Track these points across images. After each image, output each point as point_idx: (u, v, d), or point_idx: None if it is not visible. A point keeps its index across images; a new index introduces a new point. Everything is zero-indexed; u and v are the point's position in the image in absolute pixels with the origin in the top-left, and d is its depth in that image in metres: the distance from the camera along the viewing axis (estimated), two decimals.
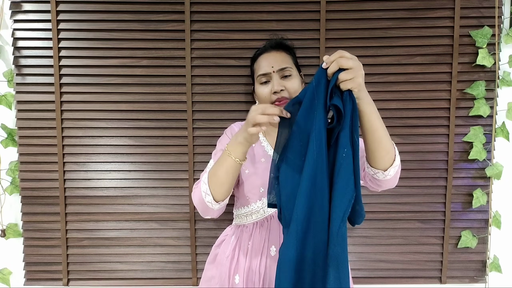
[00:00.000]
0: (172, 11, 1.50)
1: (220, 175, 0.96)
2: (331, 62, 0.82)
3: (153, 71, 1.51)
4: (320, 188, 0.83)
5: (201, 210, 1.03)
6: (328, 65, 0.83)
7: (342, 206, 0.82)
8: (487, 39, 1.47)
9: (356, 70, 0.81)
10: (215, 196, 0.98)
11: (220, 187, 0.97)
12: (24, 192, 1.54)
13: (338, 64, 0.81)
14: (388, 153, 0.92)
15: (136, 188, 1.54)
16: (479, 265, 1.56)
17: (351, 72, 0.80)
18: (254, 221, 1.13)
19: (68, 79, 1.51)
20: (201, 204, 1.01)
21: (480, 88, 1.48)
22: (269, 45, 1.22)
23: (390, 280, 1.56)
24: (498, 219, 1.54)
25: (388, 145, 0.92)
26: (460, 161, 1.53)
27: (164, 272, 1.57)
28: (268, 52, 1.19)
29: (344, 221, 0.83)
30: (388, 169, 0.94)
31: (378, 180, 0.97)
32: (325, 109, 0.84)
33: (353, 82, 0.81)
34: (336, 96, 0.83)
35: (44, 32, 1.50)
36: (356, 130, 0.83)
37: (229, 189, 0.99)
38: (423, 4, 1.49)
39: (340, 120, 0.83)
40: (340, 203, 0.82)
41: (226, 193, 0.99)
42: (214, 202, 0.98)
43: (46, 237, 1.55)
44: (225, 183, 0.96)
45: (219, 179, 0.96)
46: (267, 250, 1.07)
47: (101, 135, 1.53)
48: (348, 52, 0.82)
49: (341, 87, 0.82)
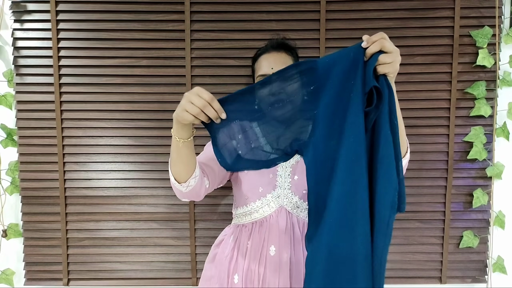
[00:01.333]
0: (172, 11, 1.50)
1: (172, 156, 0.98)
2: (372, 42, 0.78)
3: (153, 71, 1.51)
4: (358, 176, 0.77)
5: (176, 193, 1.06)
6: (368, 44, 0.79)
7: (389, 194, 0.77)
8: (487, 39, 1.46)
9: (396, 55, 0.79)
10: (176, 177, 0.99)
11: (175, 167, 0.98)
12: (24, 192, 1.54)
13: (380, 45, 0.78)
14: (403, 145, 0.93)
15: (136, 188, 1.55)
16: (480, 265, 1.56)
17: (392, 55, 0.78)
18: (253, 220, 1.13)
19: (68, 79, 1.51)
20: (173, 187, 1.04)
21: (481, 88, 1.48)
22: (270, 45, 1.21)
23: (390, 280, 1.56)
24: (501, 219, 1.53)
25: (404, 136, 0.92)
26: (460, 161, 1.53)
27: (164, 272, 1.57)
28: (269, 52, 1.18)
29: (393, 210, 0.78)
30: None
31: None
32: (363, 91, 0.78)
33: (392, 67, 0.78)
34: (372, 79, 0.77)
35: (44, 32, 1.50)
36: (395, 114, 0.78)
37: (185, 169, 0.98)
38: (423, 4, 1.49)
39: (379, 103, 0.78)
40: (386, 192, 0.77)
41: (184, 173, 0.98)
42: (177, 183, 1.00)
43: (47, 237, 1.56)
44: (178, 162, 0.97)
45: (172, 160, 0.98)
46: (267, 250, 1.07)
47: (101, 135, 1.53)
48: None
49: (378, 70, 0.78)
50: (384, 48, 0.78)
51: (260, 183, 1.11)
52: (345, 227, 0.78)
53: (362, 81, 0.78)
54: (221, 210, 1.55)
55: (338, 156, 0.79)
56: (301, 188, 1.09)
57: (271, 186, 1.10)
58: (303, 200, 1.09)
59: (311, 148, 0.84)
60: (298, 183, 1.09)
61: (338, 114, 0.80)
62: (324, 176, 0.81)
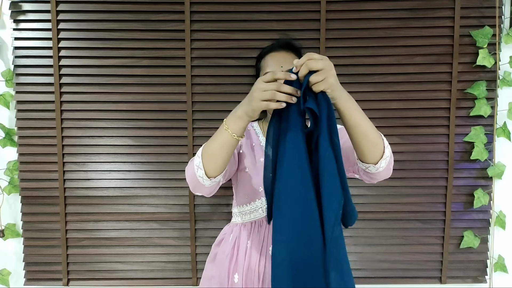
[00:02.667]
0: (172, 11, 1.49)
1: (214, 149, 0.92)
2: (300, 66, 0.81)
3: (153, 71, 1.51)
4: (307, 192, 0.83)
5: (192, 185, 1.00)
6: (298, 68, 0.81)
7: (333, 209, 0.82)
8: (487, 39, 1.46)
9: (327, 71, 0.79)
10: (207, 171, 0.94)
11: (213, 161, 0.93)
12: (24, 192, 1.54)
13: (307, 67, 0.79)
14: (376, 145, 0.91)
15: (136, 188, 1.54)
16: (480, 265, 1.56)
17: (322, 73, 0.79)
18: (253, 220, 1.13)
19: (68, 79, 1.51)
20: (193, 179, 0.97)
21: (481, 88, 1.48)
22: (278, 45, 1.21)
23: (390, 280, 1.56)
24: (502, 219, 1.53)
25: (375, 138, 0.90)
26: (461, 161, 1.53)
27: (164, 272, 1.57)
28: (277, 51, 1.19)
29: (337, 224, 0.83)
30: (379, 162, 0.93)
31: (371, 173, 0.96)
32: (300, 112, 0.83)
33: (325, 83, 0.79)
34: (311, 99, 0.81)
35: (44, 32, 1.50)
36: (335, 131, 0.82)
37: (223, 165, 0.95)
38: (423, 4, 1.49)
39: (317, 123, 0.82)
40: (330, 207, 0.81)
41: (219, 169, 0.95)
42: (205, 178, 0.95)
43: (46, 237, 1.55)
44: (219, 158, 0.93)
45: (213, 153, 0.93)
46: (266, 249, 1.07)
47: (101, 135, 1.53)
48: (316, 54, 0.81)
49: (314, 89, 0.81)
50: (312, 68, 0.79)
51: (260, 182, 1.11)
52: (303, 235, 0.84)
53: (298, 104, 0.83)
54: (221, 210, 1.55)
55: (288, 172, 0.85)
56: None
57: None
58: None
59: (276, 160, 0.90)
60: None
61: (284, 135, 0.86)
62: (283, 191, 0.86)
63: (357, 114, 0.87)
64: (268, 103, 0.83)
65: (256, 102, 0.83)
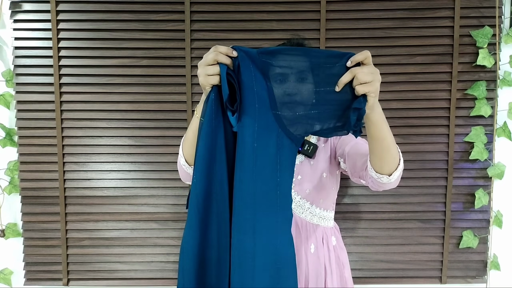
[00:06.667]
0: (172, 11, 1.49)
1: (188, 136, 0.96)
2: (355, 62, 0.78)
3: (153, 71, 1.51)
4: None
5: (181, 175, 1.05)
6: (352, 64, 0.78)
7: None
8: (487, 39, 1.46)
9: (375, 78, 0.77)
10: (187, 158, 0.98)
11: (190, 148, 0.95)
12: (24, 192, 1.54)
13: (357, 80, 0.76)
14: (394, 158, 0.91)
15: (136, 188, 1.54)
16: (480, 265, 1.56)
17: (370, 75, 0.77)
18: None
19: (68, 79, 1.51)
20: (180, 168, 1.03)
21: (481, 89, 1.47)
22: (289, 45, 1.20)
23: (390, 280, 1.56)
24: (499, 218, 1.53)
25: (395, 151, 0.90)
26: (461, 161, 1.53)
27: (164, 272, 1.57)
28: None
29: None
30: (393, 173, 0.93)
31: (382, 183, 0.96)
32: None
33: (371, 86, 0.77)
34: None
35: (44, 32, 1.50)
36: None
37: None
38: (423, 4, 1.49)
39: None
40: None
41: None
42: (187, 165, 0.99)
43: (46, 237, 1.55)
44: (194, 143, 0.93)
45: (189, 141, 0.96)
46: None
47: (101, 135, 1.53)
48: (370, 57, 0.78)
49: (357, 90, 0.77)
50: (361, 81, 0.77)
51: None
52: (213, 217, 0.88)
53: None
54: None
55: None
56: (304, 188, 1.09)
57: None
58: (305, 200, 1.09)
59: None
60: (301, 183, 1.09)
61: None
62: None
63: (385, 127, 0.86)
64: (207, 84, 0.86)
65: (202, 87, 0.88)
